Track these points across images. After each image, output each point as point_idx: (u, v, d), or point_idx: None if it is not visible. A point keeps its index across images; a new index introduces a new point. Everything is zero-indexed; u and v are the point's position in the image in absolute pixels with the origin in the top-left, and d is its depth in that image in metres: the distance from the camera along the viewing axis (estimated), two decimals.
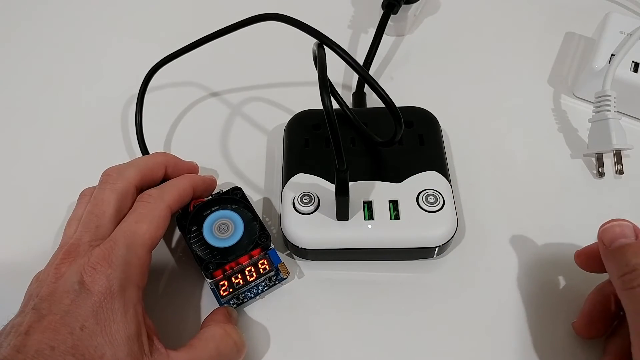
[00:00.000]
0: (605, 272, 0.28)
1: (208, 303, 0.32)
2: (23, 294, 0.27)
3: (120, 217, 0.29)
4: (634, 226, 0.27)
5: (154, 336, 0.27)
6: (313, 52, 0.28)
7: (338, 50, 0.28)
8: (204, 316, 0.31)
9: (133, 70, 0.41)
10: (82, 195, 0.31)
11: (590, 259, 0.30)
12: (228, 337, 0.28)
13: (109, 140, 0.40)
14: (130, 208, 0.29)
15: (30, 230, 0.35)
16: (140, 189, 0.31)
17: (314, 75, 0.27)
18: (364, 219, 0.32)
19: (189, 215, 0.32)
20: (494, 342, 0.31)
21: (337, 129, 0.26)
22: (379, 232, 0.31)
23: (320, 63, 0.27)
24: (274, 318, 0.32)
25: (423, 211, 0.31)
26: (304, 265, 0.34)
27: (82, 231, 0.28)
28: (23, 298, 0.27)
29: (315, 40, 0.28)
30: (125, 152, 0.40)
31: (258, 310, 0.32)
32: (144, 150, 0.37)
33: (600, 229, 0.28)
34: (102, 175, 0.30)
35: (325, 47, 0.28)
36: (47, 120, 0.42)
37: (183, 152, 0.36)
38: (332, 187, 0.30)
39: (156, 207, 0.29)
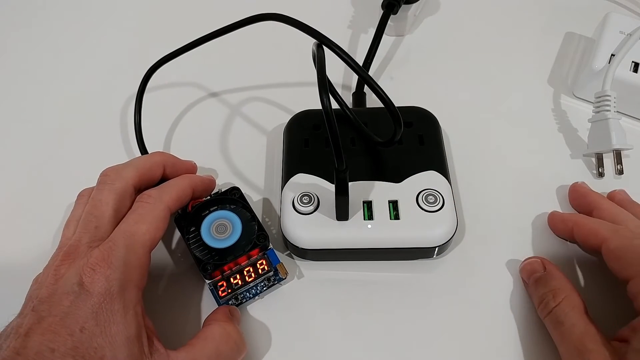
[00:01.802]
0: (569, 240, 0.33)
1: (208, 303, 0.32)
2: (22, 294, 0.27)
3: (119, 217, 0.29)
4: (542, 260, 0.32)
5: (153, 337, 0.26)
6: (312, 52, 0.28)
7: (337, 50, 0.28)
8: (204, 316, 0.31)
9: (132, 69, 0.41)
10: (80, 195, 0.31)
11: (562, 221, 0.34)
12: (228, 336, 0.28)
13: (108, 140, 0.40)
14: (129, 208, 0.29)
15: (29, 231, 0.35)
16: (139, 189, 0.31)
17: (314, 75, 0.27)
18: (364, 219, 0.31)
19: (188, 216, 0.32)
20: (494, 342, 0.31)
21: (337, 130, 0.26)
22: (378, 232, 0.31)
23: (319, 63, 0.27)
24: (274, 318, 0.32)
25: (423, 211, 0.31)
26: (304, 265, 0.34)
27: (81, 232, 0.28)
28: (24, 300, 0.27)
29: (315, 41, 0.28)
30: (124, 151, 0.39)
31: (258, 310, 0.32)
32: (143, 150, 0.37)
33: (519, 269, 0.33)
34: (100, 176, 0.30)
35: (324, 47, 0.28)
36: (46, 119, 0.42)
37: (183, 152, 0.36)
38: (331, 187, 0.30)
39: (155, 207, 0.29)
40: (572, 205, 0.35)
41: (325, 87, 0.26)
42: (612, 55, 0.38)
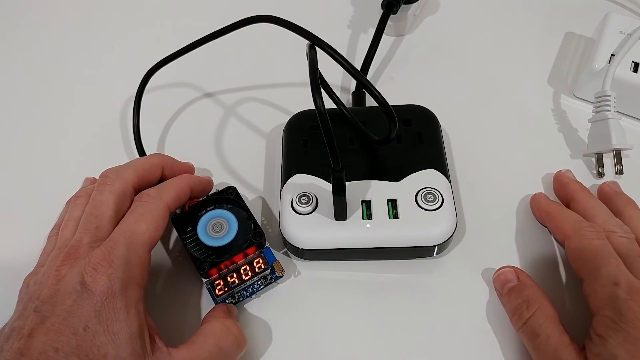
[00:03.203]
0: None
1: (207, 301, 0.32)
2: (16, 294, 0.27)
3: (119, 217, 0.29)
4: (515, 269, 0.31)
5: (155, 335, 0.27)
6: (306, 53, 0.28)
7: (328, 49, 0.28)
8: (203, 314, 0.31)
9: (131, 71, 0.41)
10: (77, 196, 0.31)
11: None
12: (228, 331, 0.28)
13: (107, 142, 0.40)
14: (129, 209, 0.29)
15: (28, 231, 0.35)
16: (138, 190, 0.31)
17: None
18: (363, 219, 0.31)
19: (184, 216, 0.32)
20: (494, 342, 0.30)
21: (331, 129, 0.26)
22: (377, 231, 0.31)
23: (311, 64, 0.27)
24: (274, 317, 0.32)
25: (422, 210, 0.31)
26: (303, 265, 0.34)
27: (82, 233, 0.28)
28: (18, 301, 0.27)
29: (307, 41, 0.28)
30: (123, 153, 0.40)
31: (257, 308, 0.32)
32: (142, 152, 0.37)
33: (493, 279, 0.32)
34: (100, 177, 0.31)
35: (317, 47, 0.28)
36: (46, 120, 0.42)
37: (182, 153, 0.36)
38: (330, 187, 0.30)
39: (155, 206, 0.29)
40: (555, 193, 0.36)
41: (317, 87, 0.26)
42: (612, 55, 0.38)
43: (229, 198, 0.33)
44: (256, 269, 0.31)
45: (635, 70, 0.38)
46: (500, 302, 0.31)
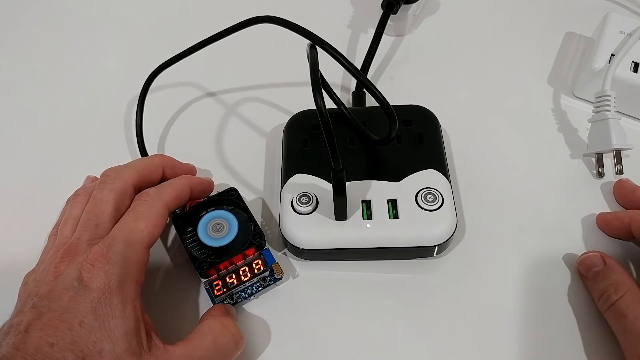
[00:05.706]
0: (625, 237, 0.33)
1: (205, 300, 0.32)
2: (17, 293, 0.27)
3: (118, 216, 0.29)
4: (601, 254, 0.31)
5: (152, 332, 0.27)
6: (307, 53, 0.28)
7: (329, 49, 0.28)
8: (201, 313, 0.32)
9: (134, 72, 0.41)
10: (76, 194, 0.31)
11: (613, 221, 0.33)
12: (226, 330, 0.28)
13: (110, 142, 0.40)
14: (129, 207, 0.29)
15: (32, 231, 0.35)
16: (139, 189, 0.31)
17: None
18: (363, 219, 0.31)
19: (185, 216, 0.32)
20: (494, 342, 0.30)
21: (331, 129, 0.26)
22: (377, 231, 0.31)
23: (312, 63, 0.27)
24: (272, 316, 0.32)
25: (422, 210, 0.31)
26: (302, 265, 0.34)
27: (82, 230, 0.28)
28: (18, 299, 0.27)
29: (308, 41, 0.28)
30: (126, 152, 0.40)
31: (256, 308, 0.32)
32: (144, 152, 0.37)
33: (577, 263, 0.32)
34: (101, 176, 0.31)
35: (318, 47, 0.28)
36: (49, 121, 0.42)
37: (182, 153, 0.36)
38: (330, 187, 0.30)
39: (154, 205, 0.29)
40: (620, 202, 0.35)
41: (318, 86, 0.26)
42: (612, 55, 0.38)
43: (230, 199, 0.33)
44: (255, 270, 0.31)
45: (635, 70, 0.38)
46: (585, 286, 0.32)
